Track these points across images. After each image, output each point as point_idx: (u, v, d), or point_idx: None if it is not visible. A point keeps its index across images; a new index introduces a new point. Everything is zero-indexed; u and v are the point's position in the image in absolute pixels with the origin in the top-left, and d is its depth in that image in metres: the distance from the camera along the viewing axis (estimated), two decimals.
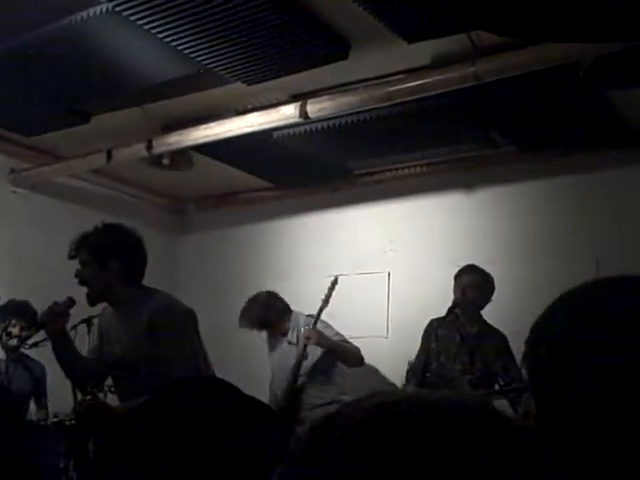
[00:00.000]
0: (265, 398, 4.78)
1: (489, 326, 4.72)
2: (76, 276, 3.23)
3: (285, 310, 5.13)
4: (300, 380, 4.89)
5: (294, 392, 4.88)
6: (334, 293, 5.08)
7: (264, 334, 5.21)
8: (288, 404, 4.82)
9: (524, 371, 0.98)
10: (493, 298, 4.86)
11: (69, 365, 3.34)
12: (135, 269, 3.27)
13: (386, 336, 5.94)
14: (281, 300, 5.17)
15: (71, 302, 3.31)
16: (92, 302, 3.32)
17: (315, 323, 4.92)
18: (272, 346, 5.20)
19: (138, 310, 3.17)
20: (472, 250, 5.69)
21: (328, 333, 4.97)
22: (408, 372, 4.83)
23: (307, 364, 4.92)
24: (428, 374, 4.73)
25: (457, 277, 4.71)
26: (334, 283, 5.08)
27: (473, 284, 4.64)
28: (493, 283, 4.71)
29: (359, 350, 5.00)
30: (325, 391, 4.87)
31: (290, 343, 5.02)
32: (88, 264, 3.22)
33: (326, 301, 5.03)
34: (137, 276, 3.28)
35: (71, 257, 3.25)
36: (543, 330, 0.95)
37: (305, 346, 4.86)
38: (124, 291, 3.24)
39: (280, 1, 3.67)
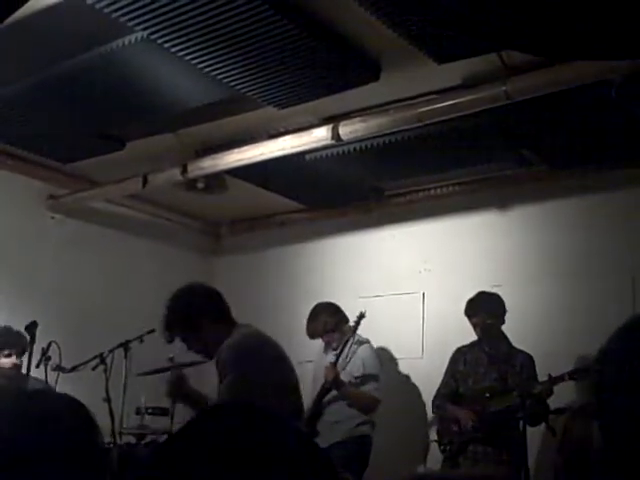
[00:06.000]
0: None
1: (513, 346, 4.79)
2: (193, 350, 3.57)
3: (342, 321, 5.21)
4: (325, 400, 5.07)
5: (317, 408, 5.05)
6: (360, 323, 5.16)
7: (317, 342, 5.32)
8: (310, 417, 4.95)
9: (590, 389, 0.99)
10: (526, 317, 4.93)
11: None
12: (222, 312, 3.58)
13: (421, 356, 5.91)
14: (342, 312, 5.27)
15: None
16: (211, 357, 3.55)
17: (336, 362, 5.01)
18: (318, 356, 5.33)
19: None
20: (506, 269, 5.66)
21: (353, 369, 5.04)
22: (435, 399, 4.97)
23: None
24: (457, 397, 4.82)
25: (467, 316, 4.89)
26: (360, 317, 5.12)
27: (479, 323, 4.81)
28: (496, 302, 4.83)
29: (372, 399, 5.02)
30: (340, 411, 5.00)
31: (337, 356, 5.09)
32: (188, 337, 3.54)
33: (352, 335, 5.12)
34: (227, 316, 3.58)
35: (170, 341, 3.57)
36: (612, 350, 0.95)
37: (326, 382, 5.00)
38: (226, 332, 3.50)
39: (311, 25, 3.72)
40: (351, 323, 5.17)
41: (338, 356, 5.02)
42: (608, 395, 0.93)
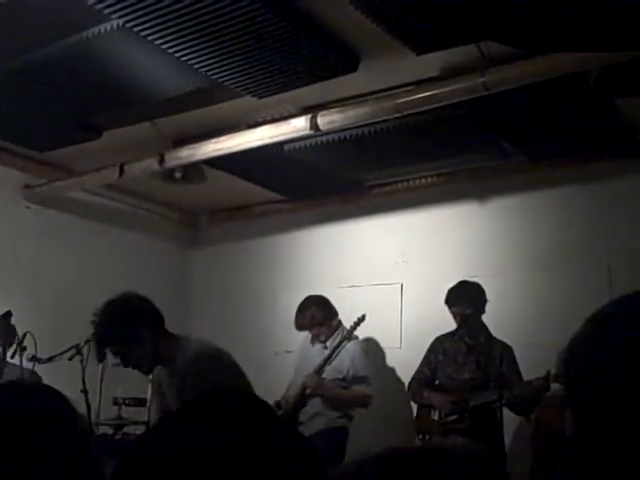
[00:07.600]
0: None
1: (492, 336, 4.79)
2: (125, 365, 3.21)
3: (331, 315, 5.20)
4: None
5: (301, 401, 5.08)
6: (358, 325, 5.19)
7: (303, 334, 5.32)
8: (294, 408, 5.04)
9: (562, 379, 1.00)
10: (504, 308, 5.00)
11: None
12: (160, 323, 3.25)
13: (400, 347, 5.94)
14: (331, 305, 5.26)
15: None
16: (149, 372, 3.34)
17: (319, 370, 5.02)
18: (304, 346, 5.33)
19: (176, 363, 3.17)
20: (484, 260, 5.68)
21: (340, 365, 5.03)
22: (410, 386, 4.99)
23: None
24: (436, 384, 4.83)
25: (447, 305, 4.85)
26: (360, 320, 5.14)
27: (459, 312, 4.76)
28: (477, 292, 4.80)
29: (363, 395, 5.02)
30: (320, 404, 5.03)
31: (325, 348, 5.13)
32: (124, 352, 3.17)
33: (349, 337, 5.11)
34: (163, 328, 3.26)
35: (102, 359, 3.28)
36: (581, 340, 0.96)
37: (304, 390, 5.03)
38: (164, 347, 3.21)
39: (290, 14, 3.70)
40: (343, 320, 5.19)
41: (324, 362, 5.02)
42: (578, 383, 0.94)
